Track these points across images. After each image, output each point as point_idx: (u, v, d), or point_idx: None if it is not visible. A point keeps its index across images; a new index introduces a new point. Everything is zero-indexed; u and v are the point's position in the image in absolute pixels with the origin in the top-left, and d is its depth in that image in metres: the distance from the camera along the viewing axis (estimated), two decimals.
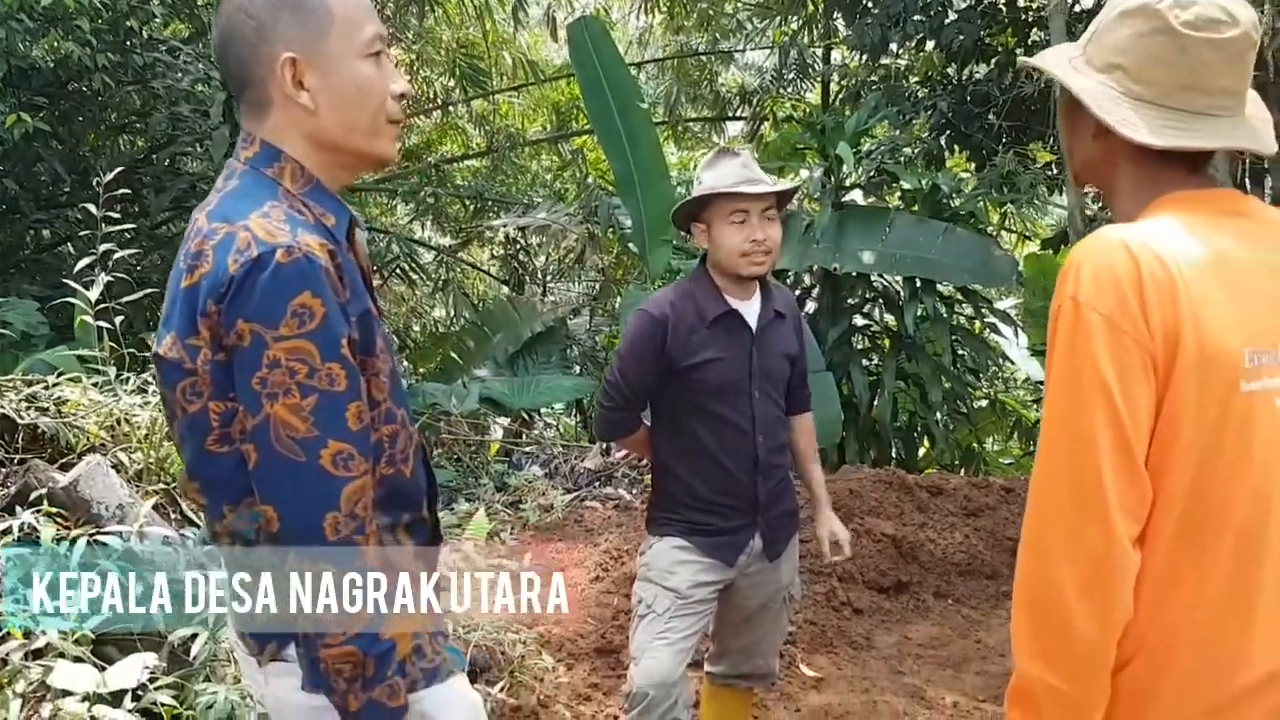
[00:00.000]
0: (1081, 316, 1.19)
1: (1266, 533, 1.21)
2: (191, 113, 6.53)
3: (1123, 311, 1.17)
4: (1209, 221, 1.25)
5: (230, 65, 1.43)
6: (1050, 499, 1.21)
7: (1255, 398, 1.19)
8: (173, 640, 2.54)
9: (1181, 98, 1.25)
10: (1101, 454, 1.16)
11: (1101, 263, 1.20)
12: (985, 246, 6.55)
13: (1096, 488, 1.16)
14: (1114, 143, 1.28)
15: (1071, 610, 1.18)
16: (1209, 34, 1.23)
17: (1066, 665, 1.20)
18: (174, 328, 1.37)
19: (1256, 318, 1.21)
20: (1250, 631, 1.21)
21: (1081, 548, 1.17)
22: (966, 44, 7.48)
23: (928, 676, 3.82)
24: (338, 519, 1.31)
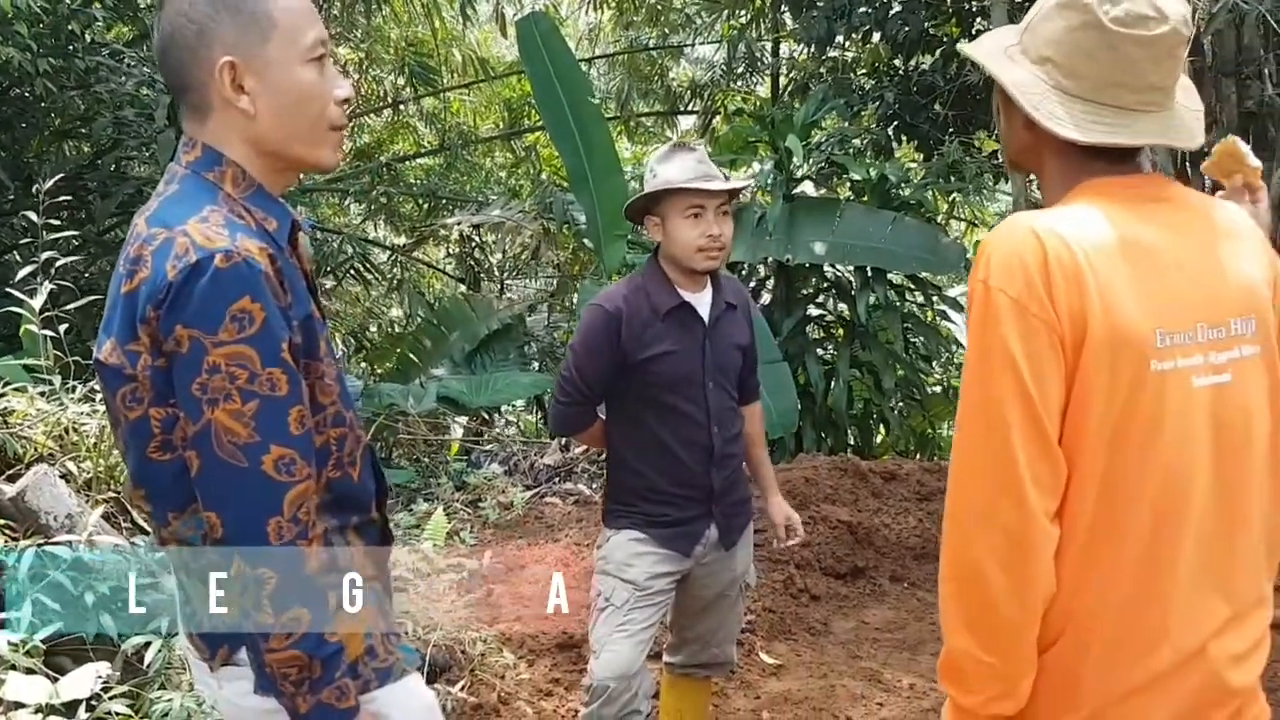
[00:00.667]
0: (991, 299, 1.22)
1: (1186, 512, 1.24)
2: (136, 116, 6.43)
3: (1030, 294, 1.20)
4: (1125, 207, 1.28)
5: (171, 69, 1.42)
6: (966, 477, 1.25)
7: (1167, 377, 1.22)
8: (126, 649, 2.53)
9: (1110, 94, 1.28)
10: (1013, 432, 1.19)
11: (1010, 248, 1.23)
12: (933, 235, 6.65)
13: (1009, 464, 1.19)
14: (1043, 134, 1.30)
15: (991, 584, 1.21)
16: (1137, 31, 1.25)
17: (990, 638, 1.23)
18: (114, 333, 1.36)
19: (1167, 299, 1.24)
20: (1170, 611, 1.24)
21: (997, 523, 1.20)
22: (911, 35, 7.57)
23: (884, 660, 3.89)
24: (281, 524, 1.31)
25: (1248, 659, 1.29)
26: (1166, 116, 1.31)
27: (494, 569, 4.59)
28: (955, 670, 1.28)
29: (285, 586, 1.32)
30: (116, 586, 2.59)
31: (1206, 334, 1.25)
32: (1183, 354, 1.23)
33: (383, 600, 1.57)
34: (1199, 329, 1.24)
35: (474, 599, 4.14)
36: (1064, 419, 1.22)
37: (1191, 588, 1.25)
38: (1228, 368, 1.26)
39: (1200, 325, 1.24)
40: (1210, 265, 1.29)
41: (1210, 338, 1.25)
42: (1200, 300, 1.26)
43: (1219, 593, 1.26)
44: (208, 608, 1.44)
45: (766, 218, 6.55)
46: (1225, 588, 1.27)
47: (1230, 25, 5.50)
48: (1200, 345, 1.24)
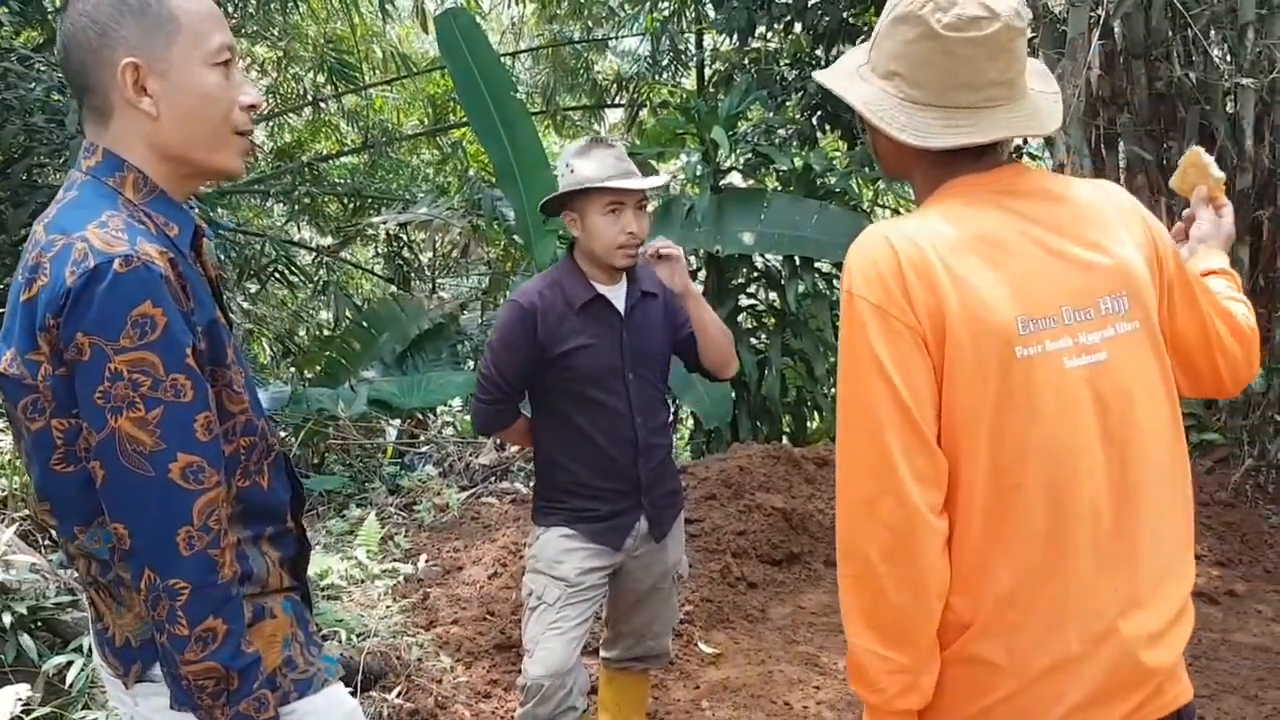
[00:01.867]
0: (855, 306, 1.28)
1: (1076, 491, 1.27)
2: (47, 123, 6.22)
3: (889, 299, 1.26)
4: (978, 204, 1.33)
5: (73, 70, 1.40)
6: (849, 476, 1.30)
7: (1034, 362, 1.26)
8: (47, 669, 2.47)
9: (954, 96, 1.31)
10: (887, 432, 1.24)
11: (867, 257, 1.30)
12: (859, 222, 6.70)
13: (887, 461, 1.24)
14: (903, 145, 1.34)
15: (880, 576, 1.26)
16: (970, 33, 1.28)
17: (887, 632, 1.27)
18: (14, 343, 1.33)
19: (1026, 286, 1.28)
20: (1072, 591, 1.28)
21: (879, 518, 1.25)
22: (831, 25, 7.66)
23: (820, 644, 3.94)
24: (191, 533, 1.29)
25: (1164, 637, 1.31)
26: (1015, 108, 1.35)
27: (430, 572, 4.55)
28: (859, 668, 1.32)
29: (199, 597, 1.30)
30: (35, 606, 2.52)
31: (1074, 316, 1.29)
32: (1050, 337, 1.27)
33: (301, 610, 1.56)
34: (1064, 312, 1.28)
35: (409, 604, 4.11)
36: (940, 414, 1.26)
37: (1093, 567, 1.28)
38: (1101, 346, 1.29)
39: (1065, 308, 1.28)
40: (1072, 248, 1.32)
41: (1078, 319, 1.29)
42: (1063, 284, 1.29)
43: (1123, 570, 1.29)
44: (120, 624, 1.41)
45: (695, 209, 6.57)
46: (1129, 564, 1.30)
47: (1138, 8, 5.66)
48: (1068, 327, 1.28)
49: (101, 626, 1.45)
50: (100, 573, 1.40)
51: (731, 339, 2.72)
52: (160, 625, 1.30)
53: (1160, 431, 1.33)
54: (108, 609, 1.43)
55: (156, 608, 1.30)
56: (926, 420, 1.25)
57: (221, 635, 1.31)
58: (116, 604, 1.41)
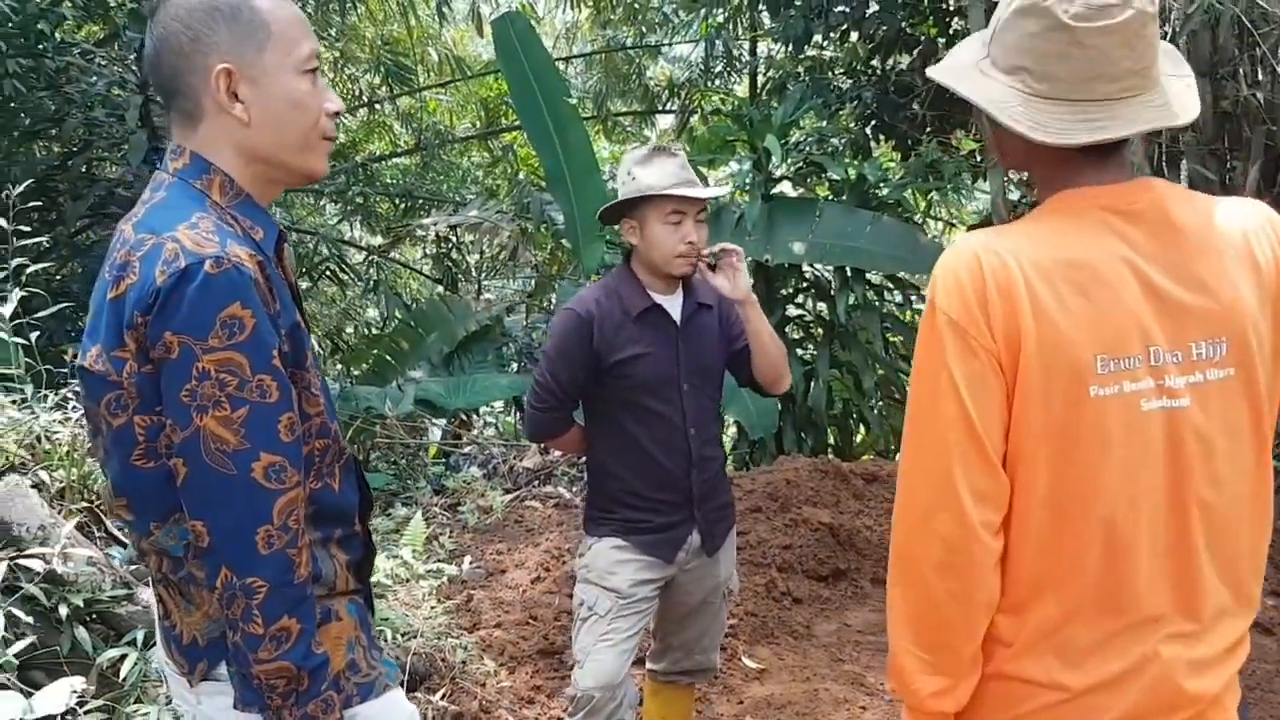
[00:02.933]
0: (935, 320, 1.25)
1: (1135, 531, 1.25)
2: (107, 117, 6.35)
3: (968, 316, 1.23)
4: (1085, 223, 1.27)
5: (163, 75, 1.41)
6: (910, 487, 1.29)
7: (1109, 402, 1.22)
8: (101, 662, 2.49)
9: (1089, 88, 1.25)
10: (952, 448, 1.23)
11: (952, 269, 1.26)
12: (912, 234, 6.65)
13: (948, 479, 1.23)
14: (1032, 142, 1.28)
15: (931, 587, 1.27)
16: (1100, 21, 1.22)
17: (931, 638, 1.28)
18: (100, 340, 1.35)
19: (1113, 322, 1.23)
20: (1121, 622, 1.27)
21: (935, 531, 1.25)
22: (889, 34, 7.59)
23: (867, 663, 3.88)
24: (270, 532, 1.30)
25: (1211, 666, 1.30)
26: (1153, 97, 1.29)
27: (473, 574, 4.56)
28: (899, 669, 1.33)
29: (275, 596, 1.31)
30: (91, 599, 2.55)
31: (1161, 358, 1.24)
32: (1130, 378, 1.23)
33: (364, 614, 1.57)
34: (1151, 352, 1.23)
35: (453, 605, 4.11)
36: (1008, 432, 1.24)
37: (1144, 603, 1.27)
38: (1185, 392, 1.25)
39: (1153, 349, 1.23)
40: (1173, 286, 1.25)
41: (1166, 361, 1.24)
42: (1155, 323, 1.24)
43: (1178, 606, 1.28)
44: (190, 622, 1.42)
45: (745, 217, 6.53)
46: (1186, 601, 1.28)
47: (1205, 26, 5.54)
48: (1153, 369, 1.23)
49: (169, 624, 1.46)
50: (171, 570, 1.41)
51: (785, 353, 2.68)
52: (234, 624, 1.31)
53: (1241, 478, 1.29)
54: (176, 606, 1.44)
55: (231, 606, 1.30)
56: (993, 441, 1.23)
57: (295, 635, 1.32)
58: (185, 602, 1.42)
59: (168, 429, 1.31)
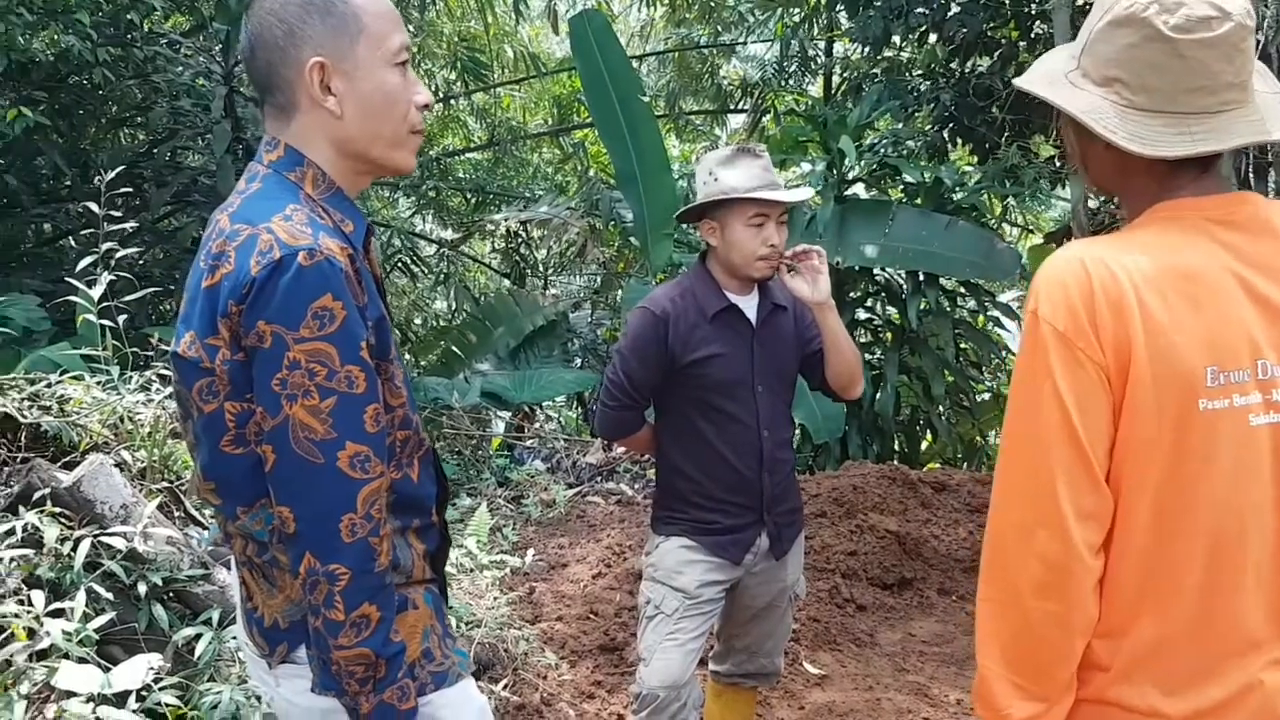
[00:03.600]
0: (1039, 331, 1.22)
1: (1240, 549, 1.21)
2: (193, 107, 6.50)
3: (1076, 327, 1.20)
4: (1188, 233, 1.24)
5: (258, 68, 1.43)
6: (1008, 503, 1.26)
7: (1219, 416, 1.19)
8: (177, 640, 2.54)
9: (1186, 100, 1.23)
10: (1056, 465, 1.20)
11: (1058, 279, 1.23)
12: (988, 240, 6.53)
13: (1051, 495, 1.20)
14: (1127, 155, 1.26)
15: (1027, 609, 1.22)
16: (1201, 34, 1.20)
17: (1024, 662, 1.24)
18: (193, 327, 1.37)
19: (1223, 335, 1.20)
20: (1222, 645, 1.22)
21: (1034, 550, 1.21)
22: (969, 37, 7.44)
23: (931, 674, 3.82)
24: (354, 520, 1.31)
25: None
26: (1245, 112, 1.26)
27: (536, 567, 4.58)
28: (988, 693, 1.28)
29: (356, 583, 1.32)
30: (169, 577, 2.60)
31: (1270, 371, 1.21)
32: (1239, 392, 1.20)
33: (439, 603, 1.58)
34: (1260, 366, 1.21)
35: (516, 597, 4.13)
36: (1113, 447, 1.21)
37: (1246, 623, 1.23)
38: None
39: (1262, 362, 1.21)
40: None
41: (1275, 375, 1.21)
42: (1263, 334, 1.21)
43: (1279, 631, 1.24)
44: (273, 605, 1.44)
45: (816, 219, 6.47)
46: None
47: None
48: (1261, 382, 1.20)
49: (251, 606, 1.48)
50: (256, 553, 1.44)
51: (860, 358, 2.64)
52: (316, 609, 1.33)
53: None
54: (259, 589, 1.46)
55: (314, 592, 1.32)
56: (1098, 457, 1.20)
57: (374, 622, 1.33)
58: (269, 585, 1.44)
59: (258, 416, 1.33)
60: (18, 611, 2.31)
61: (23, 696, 2.23)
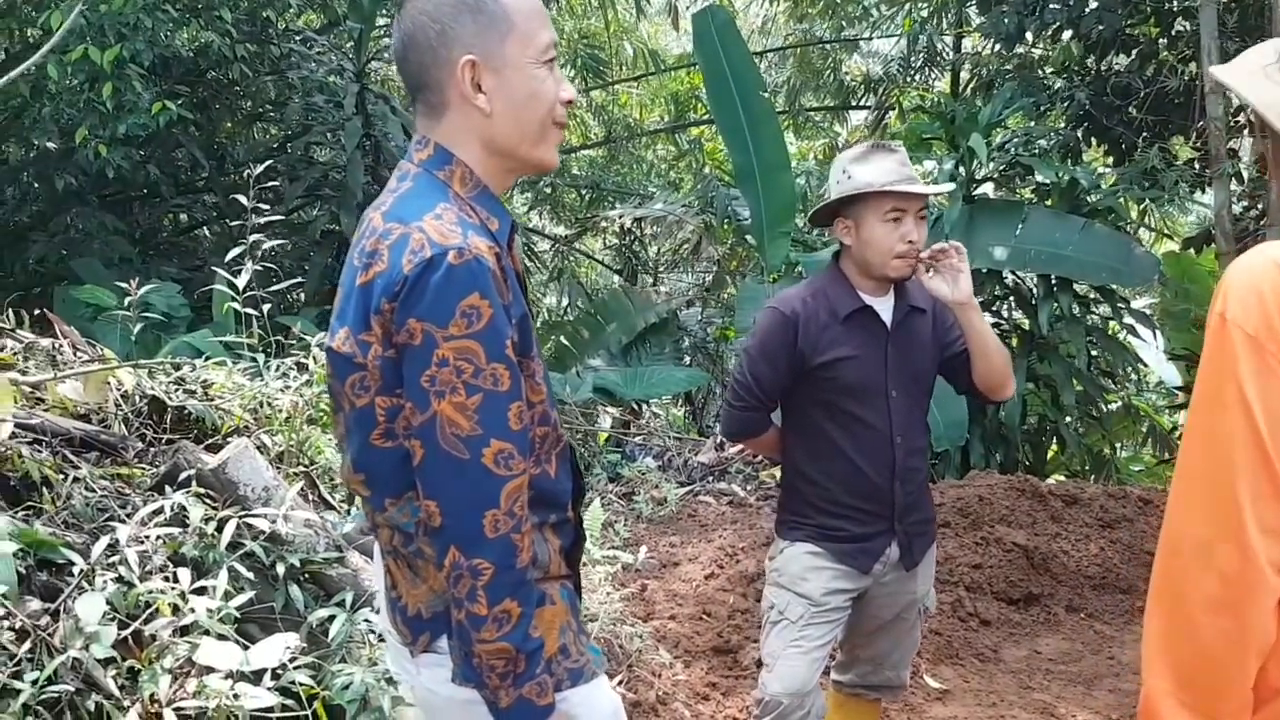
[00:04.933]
0: (1227, 334, 1.16)
1: None
2: (325, 103, 6.70)
3: (1268, 331, 1.13)
4: None
5: (410, 68, 1.45)
6: (1185, 514, 1.19)
7: None
8: (311, 621, 2.60)
9: None
10: (1239, 473, 1.13)
11: (1250, 281, 1.16)
12: (1126, 244, 6.26)
13: (1233, 506, 1.13)
14: None
15: (1200, 626, 1.16)
16: None
17: (1196, 682, 1.17)
18: (348, 323, 1.40)
19: None
20: None
21: (1213, 565, 1.15)
22: (1106, 34, 7.16)
23: (1058, 693, 3.68)
24: (497, 516, 1.33)
25: None
26: None
27: (648, 564, 4.57)
28: (1152, 712, 1.21)
29: (499, 578, 1.33)
30: (306, 559, 2.67)
31: None
32: None
33: (574, 599, 1.58)
34: None
35: (629, 593, 4.13)
36: None
37: None
38: None
39: None
40: None
41: None
42: None
43: None
44: (418, 595, 1.45)
45: (943, 219, 6.29)
46: None
47: None
48: None
49: (395, 595, 1.50)
50: (403, 544, 1.46)
51: (1009, 357, 2.54)
52: (459, 602, 1.34)
53: None
54: (403, 578, 1.48)
55: (458, 585, 1.33)
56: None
57: (515, 617, 1.34)
58: (413, 574, 1.46)
59: (406, 411, 1.35)
60: (163, 588, 2.39)
61: (166, 670, 2.30)
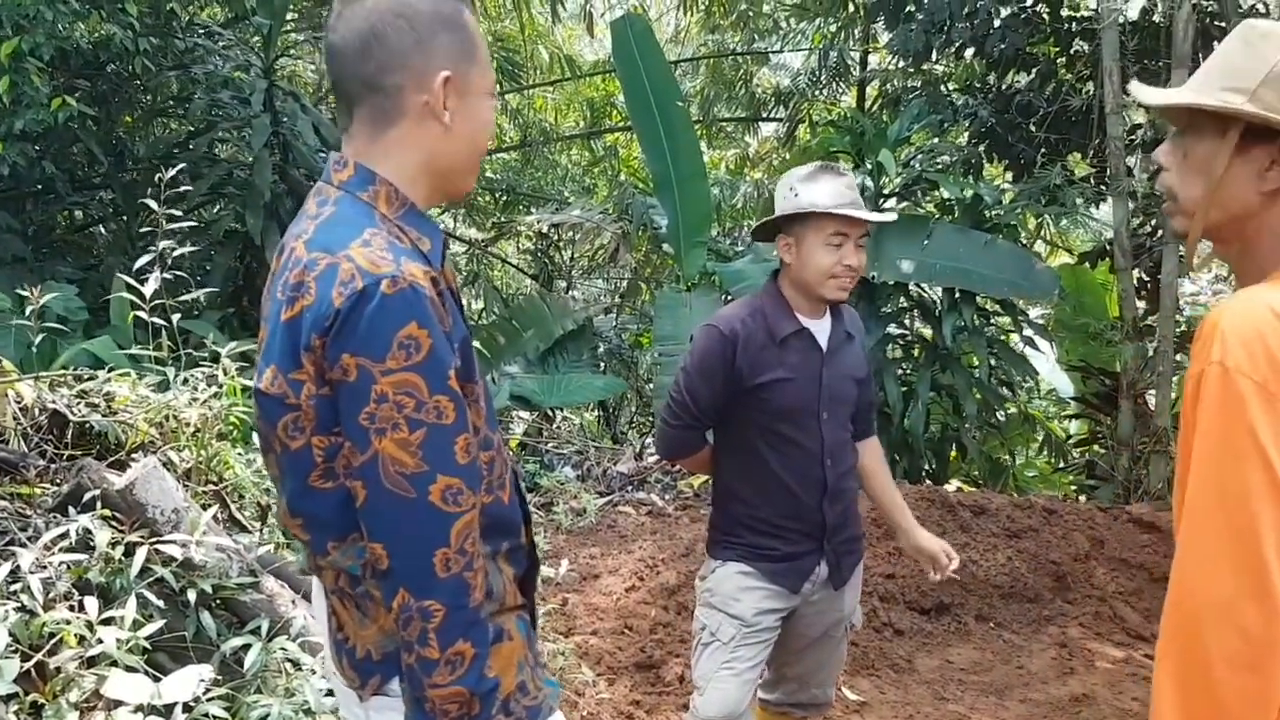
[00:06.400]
0: (1231, 383, 1.14)
1: None
2: (231, 99, 6.47)
3: (1277, 378, 1.13)
4: None
5: (365, 67, 1.36)
6: (1204, 569, 1.16)
7: None
8: (225, 650, 2.50)
9: None
10: (1262, 527, 1.11)
11: (1249, 328, 1.16)
12: (1027, 259, 6.47)
13: (1256, 563, 1.11)
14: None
15: (1219, 684, 1.13)
16: None
17: None
18: (274, 361, 1.33)
19: None
20: None
21: (1236, 624, 1.12)
22: (1008, 53, 7.39)
23: (971, 703, 3.76)
24: (448, 555, 1.28)
25: None
26: None
27: (569, 577, 4.52)
28: None
29: (451, 619, 1.29)
30: (218, 585, 2.56)
31: None
32: None
33: (530, 630, 1.53)
34: None
35: (550, 608, 4.08)
36: None
37: None
38: None
39: None
40: None
41: None
42: None
43: None
44: (366, 638, 1.40)
45: None
46: None
47: None
48: None
49: (342, 636, 1.44)
50: (349, 585, 1.40)
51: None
52: (410, 646, 1.29)
53: None
54: (351, 619, 1.42)
55: (408, 628, 1.28)
56: None
57: (469, 659, 1.30)
58: (361, 615, 1.40)
59: (346, 450, 1.29)
60: (69, 617, 2.27)
61: (72, 705, 2.19)
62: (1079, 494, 7.58)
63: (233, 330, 5.76)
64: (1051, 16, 7.61)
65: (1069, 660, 4.11)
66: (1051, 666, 4.06)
